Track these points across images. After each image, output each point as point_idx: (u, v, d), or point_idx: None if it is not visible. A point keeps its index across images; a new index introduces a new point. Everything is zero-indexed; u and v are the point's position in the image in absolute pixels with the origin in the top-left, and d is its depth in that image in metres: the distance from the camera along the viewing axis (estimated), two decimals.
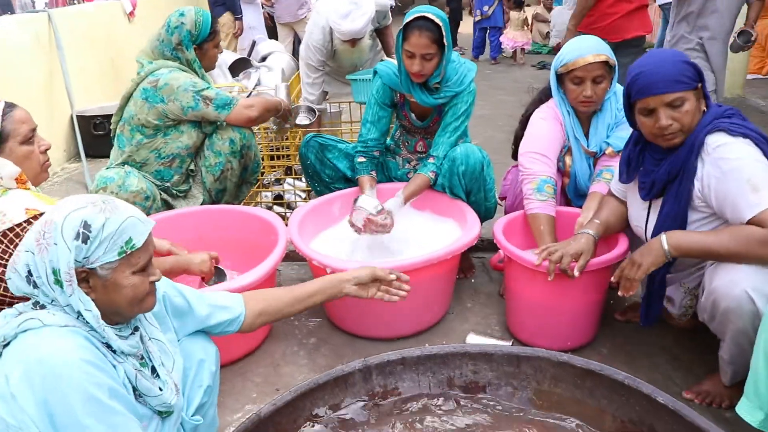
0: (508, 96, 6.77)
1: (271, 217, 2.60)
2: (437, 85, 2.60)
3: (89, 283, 1.24)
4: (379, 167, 2.91)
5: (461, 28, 11.02)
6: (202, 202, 2.88)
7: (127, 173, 2.66)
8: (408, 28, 2.48)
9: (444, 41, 2.48)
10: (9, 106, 1.82)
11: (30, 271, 1.22)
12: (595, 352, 2.28)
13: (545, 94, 2.56)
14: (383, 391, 1.98)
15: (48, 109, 4.63)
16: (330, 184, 2.86)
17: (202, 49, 2.79)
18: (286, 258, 2.52)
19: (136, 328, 1.36)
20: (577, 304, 2.23)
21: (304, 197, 3.53)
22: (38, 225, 1.23)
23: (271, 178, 3.73)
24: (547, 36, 10.35)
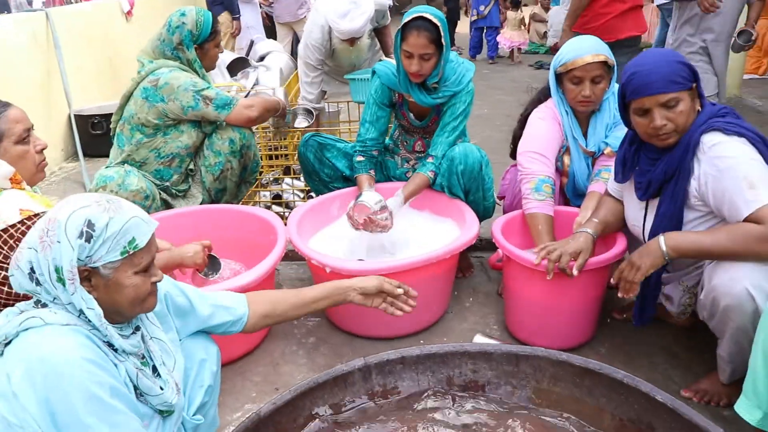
0: (506, 96, 6.77)
1: (270, 217, 2.60)
2: (435, 84, 2.61)
3: (91, 282, 1.24)
4: (378, 167, 2.91)
5: (458, 27, 11.03)
6: (202, 201, 2.88)
7: (126, 172, 2.66)
8: (406, 28, 2.49)
9: (442, 41, 2.49)
10: (3, 106, 1.80)
11: (32, 269, 1.22)
12: (594, 351, 2.29)
13: (544, 93, 2.56)
14: (383, 391, 1.98)
15: (46, 109, 4.63)
16: (329, 184, 2.86)
17: (203, 49, 2.79)
18: (284, 257, 2.52)
19: (137, 328, 1.36)
20: (575, 303, 2.23)
21: (302, 197, 3.53)
22: (42, 222, 1.23)
23: (270, 177, 3.73)
24: (545, 36, 10.37)
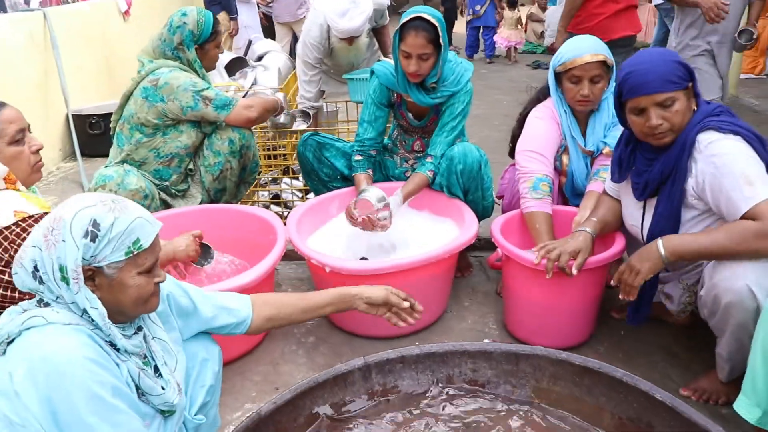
0: (504, 96, 6.78)
1: (270, 217, 2.60)
2: (434, 84, 2.61)
3: (95, 281, 1.24)
4: (377, 166, 2.92)
5: (455, 27, 11.04)
6: (201, 201, 2.88)
7: (126, 171, 2.66)
8: (404, 28, 2.49)
9: (440, 41, 2.49)
10: None
11: (36, 267, 1.22)
12: (593, 350, 2.30)
13: (543, 93, 2.57)
14: (383, 390, 1.98)
15: (43, 108, 4.62)
16: (328, 183, 2.87)
17: (204, 49, 2.79)
18: (283, 257, 2.52)
19: (139, 328, 1.36)
20: (574, 303, 2.24)
21: (301, 196, 3.54)
22: (47, 221, 1.23)
23: (268, 177, 3.73)
24: (542, 36, 10.37)
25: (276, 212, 3.36)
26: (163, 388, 1.34)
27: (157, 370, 1.35)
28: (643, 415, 1.78)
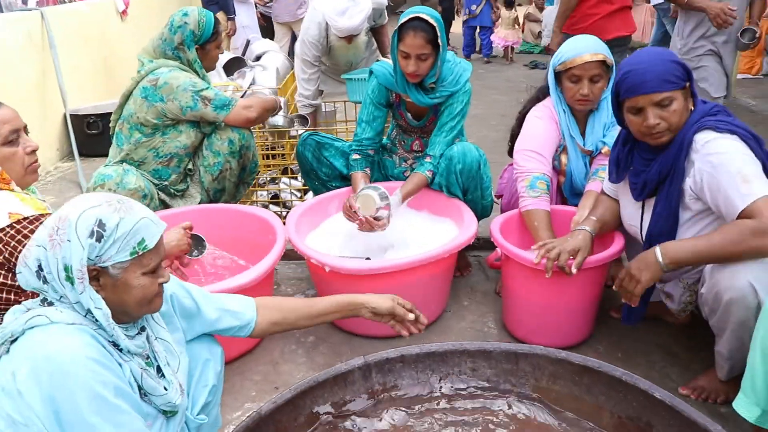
0: (501, 96, 6.79)
1: (269, 217, 2.60)
2: (433, 85, 2.61)
3: (100, 281, 1.24)
4: (376, 166, 2.92)
5: (453, 27, 11.04)
6: (200, 201, 2.88)
7: (125, 171, 2.66)
8: (403, 28, 2.49)
9: (439, 41, 2.50)
10: None
11: (40, 266, 1.22)
12: (592, 350, 2.30)
13: (542, 92, 2.58)
14: (382, 389, 1.99)
15: (41, 108, 4.61)
16: (327, 183, 2.87)
17: (205, 50, 2.79)
18: (282, 257, 2.52)
19: (142, 328, 1.36)
20: (574, 302, 2.24)
21: (299, 196, 3.54)
22: (51, 220, 1.23)
23: (267, 177, 3.73)
24: (539, 36, 10.39)
25: (275, 212, 3.36)
26: (166, 389, 1.34)
27: (159, 370, 1.35)
28: (643, 414, 1.78)
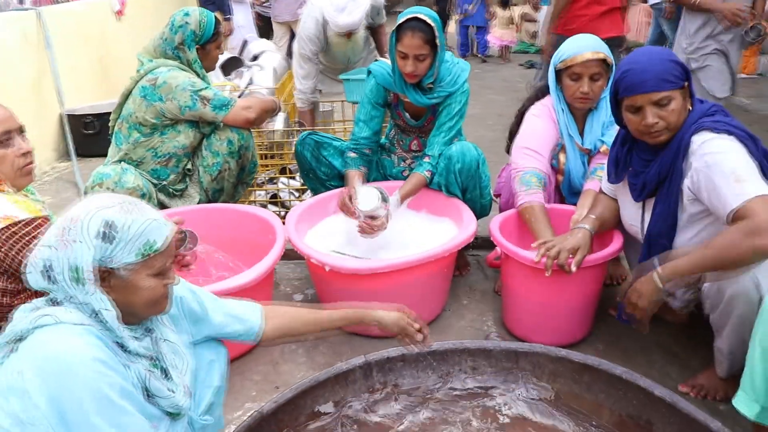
0: (497, 95, 6.80)
1: (269, 216, 2.60)
2: (431, 85, 2.61)
3: (108, 282, 1.24)
4: (374, 165, 2.92)
5: (449, 27, 11.05)
6: (199, 201, 2.87)
7: (123, 170, 2.66)
8: (401, 29, 2.50)
9: (437, 42, 2.50)
10: None
11: (48, 266, 1.22)
12: (591, 348, 2.31)
13: (542, 91, 2.59)
14: (383, 388, 1.99)
15: (37, 108, 4.60)
16: (326, 182, 2.86)
17: (205, 50, 2.79)
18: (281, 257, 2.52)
19: (149, 330, 1.36)
20: (573, 300, 2.25)
21: (297, 196, 3.54)
22: (61, 221, 1.23)
23: (265, 177, 3.73)
24: (535, 35, 10.41)
25: (273, 212, 3.36)
26: (173, 391, 1.33)
27: (165, 372, 1.35)
28: (643, 412, 1.79)
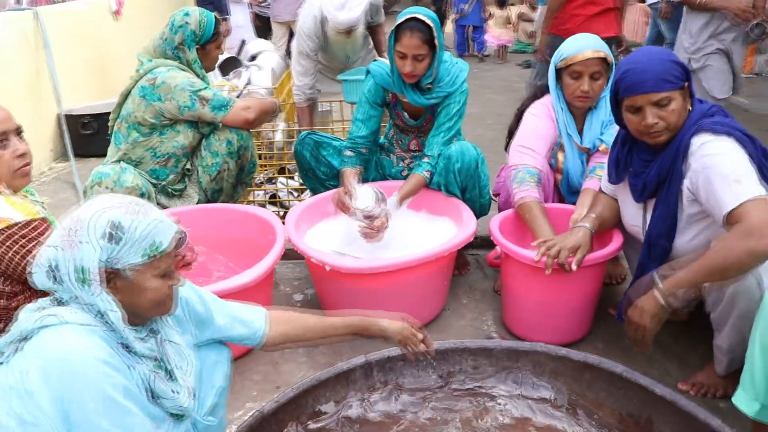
0: (496, 95, 6.81)
1: (269, 216, 2.60)
2: (429, 85, 2.61)
3: (113, 283, 1.24)
4: (374, 165, 2.93)
5: (446, 27, 11.06)
6: (198, 201, 2.87)
7: (122, 169, 2.65)
8: (400, 29, 2.50)
9: (435, 42, 2.50)
10: None
11: (53, 266, 1.22)
12: (591, 347, 2.31)
13: (541, 90, 2.60)
14: (384, 387, 2.00)
15: (35, 109, 4.59)
16: (325, 182, 2.86)
17: (205, 50, 2.79)
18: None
19: (154, 331, 1.36)
20: (573, 299, 2.26)
21: (296, 196, 3.54)
22: (67, 221, 1.23)
23: (263, 177, 3.73)
24: (532, 35, 10.41)
25: (272, 212, 3.36)
26: (177, 393, 1.33)
27: (170, 373, 1.35)
28: (643, 410, 1.80)
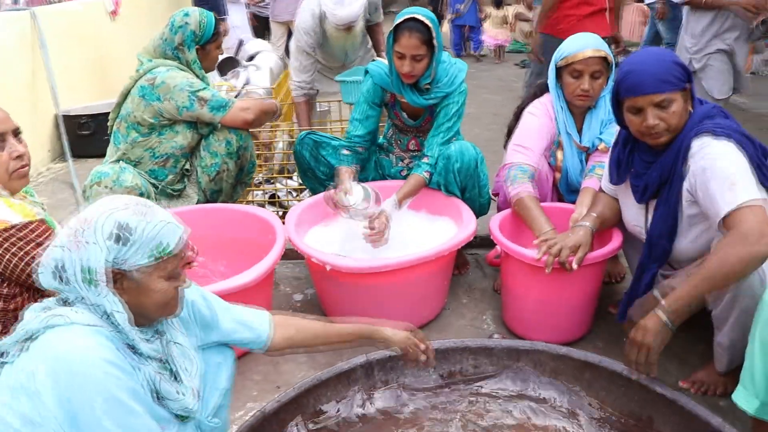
0: (492, 95, 6.81)
1: (269, 216, 2.60)
2: (428, 85, 2.61)
3: (120, 284, 1.24)
4: (373, 165, 2.93)
5: (442, 27, 11.08)
6: (197, 202, 2.87)
7: (122, 168, 2.65)
8: (398, 29, 2.50)
9: (434, 42, 2.50)
10: None
11: (60, 267, 1.21)
12: (591, 346, 2.31)
13: (540, 89, 2.61)
14: (385, 387, 2.00)
15: (32, 109, 4.57)
16: (324, 182, 2.85)
17: (205, 50, 2.79)
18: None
19: (159, 332, 1.36)
20: (573, 298, 2.26)
21: (295, 195, 3.54)
22: (74, 222, 1.23)
23: (262, 177, 3.73)
24: (529, 35, 10.43)
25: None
26: (183, 394, 1.33)
27: (175, 375, 1.35)
28: (644, 409, 1.80)
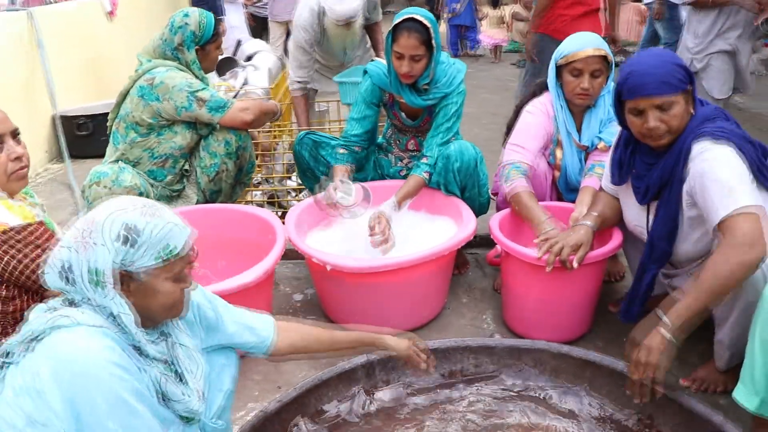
0: (491, 94, 6.81)
1: (269, 216, 2.60)
2: (426, 86, 2.61)
3: (126, 286, 1.24)
4: (372, 165, 2.93)
5: (440, 27, 11.07)
6: (196, 202, 2.87)
7: (121, 168, 2.65)
8: (397, 29, 2.50)
9: (433, 42, 2.50)
10: None
11: (65, 267, 1.21)
12: (591, 344, 2.31)
13: (540, 88, 2.61)
14: (386, 386, 2.00)
15: (30, 110, 4.56)
16: None
17: (205, 50, 2.79)
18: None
19: (165, 334, 1.36)
20: (573, 297, 2.27)
21: (294, 195, 3.54)
22: (80, 223, 1.23)
23: (260, 177, 3.73)
24: (526, 35, 10.44)
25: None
26: (188, 396, 1.33)
27: (180, 376, 1.35)
28: (645, 407, 1.81)
